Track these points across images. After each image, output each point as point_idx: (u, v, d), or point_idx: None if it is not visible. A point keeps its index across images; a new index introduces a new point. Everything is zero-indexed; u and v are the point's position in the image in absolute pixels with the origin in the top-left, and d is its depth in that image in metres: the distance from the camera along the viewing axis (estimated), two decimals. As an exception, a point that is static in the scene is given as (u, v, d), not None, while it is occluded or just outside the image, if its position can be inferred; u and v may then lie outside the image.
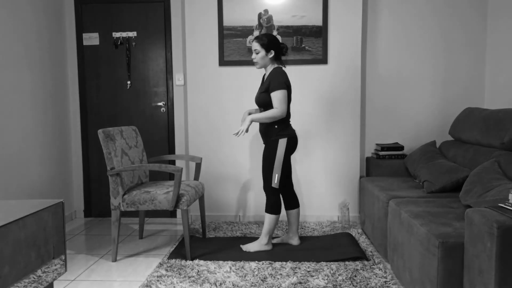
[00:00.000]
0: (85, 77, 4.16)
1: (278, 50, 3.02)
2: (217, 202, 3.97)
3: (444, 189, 2.92)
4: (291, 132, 3.02)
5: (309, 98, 3.85)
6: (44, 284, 1.68)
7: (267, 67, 3.05)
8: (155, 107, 4.13)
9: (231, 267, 2.80)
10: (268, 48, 2.98)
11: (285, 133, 2.99)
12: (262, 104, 3.02)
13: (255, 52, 3.01)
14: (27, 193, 3.47)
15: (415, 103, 3.95)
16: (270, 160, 2.99)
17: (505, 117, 2.82)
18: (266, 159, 3.02)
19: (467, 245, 1.86)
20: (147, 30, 4.07)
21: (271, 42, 2.99)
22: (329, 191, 3.91)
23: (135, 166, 2.96)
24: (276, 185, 3.00)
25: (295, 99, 3.84)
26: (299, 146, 3.88)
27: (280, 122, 2.98)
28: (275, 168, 2.98)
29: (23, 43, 3.44)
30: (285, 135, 2.99)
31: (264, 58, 3.00)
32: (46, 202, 1.76)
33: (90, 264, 2.99)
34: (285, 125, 3.00)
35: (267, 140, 3.04)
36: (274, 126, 2.98)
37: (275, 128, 2.98)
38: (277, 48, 3.01)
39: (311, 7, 3.77)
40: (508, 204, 1.83)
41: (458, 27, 3.88)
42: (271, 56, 3.00)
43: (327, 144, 3.87)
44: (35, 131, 3.60)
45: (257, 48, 2.99)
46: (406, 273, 2.37)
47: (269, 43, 2.98)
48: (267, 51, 2.98)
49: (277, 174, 2.99)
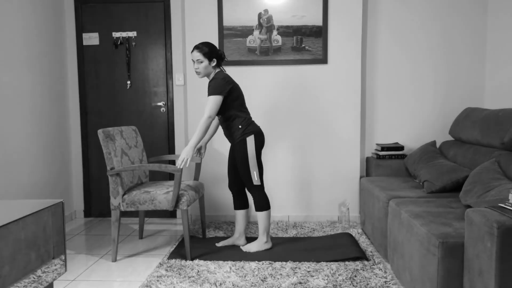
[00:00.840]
0: (85, 77, 4.16)
1: (218, 57, 3.00)
2: (217, 202, 3.97)
3: (444, 189, 2.92)
4: (256, 128, 3.04)
5: (309, 98, 3.85)
6: (44, 284, 1.68)
7: (210, 75, 3.03)
8: (155, 107, 4.13)
9: (231, 267, 2.80)
10: (210, 57, 2.96)
11: (250, 131, 3.00)
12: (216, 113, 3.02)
13: (198, 61, 2.95)
14: (27, 193, 3.47)
15: (415, 103, 3.95)
16: (244, 160, 3.00)
17: (505, 117, 2.81)
18: (239, 161, 3.02)
19: (467, 245, 1.86)
20: (147, 30, 4.07)
21: (212, 50, 2.96)
22: (329, 191, 3.91)
23: (135, 166, 2.96)
24: (257, 181, 3.02)
25: (294, 99, 3.84)
26: (299, 146, 3.88)
27: (242, 121, 2.99)
28: (251, 166, 2.99)
29: (23, 43, 3.44)
30: (250, 132, 3.00)
31: (207, 68, 2.97)
32: (46, 202, 1.76)
33: (90, 264, 2.99)
34: (247, 123, 3.01)
35: (234, 142, 3.04)
36: (238, 127, 3.00)
37: (239, 128, 3.00)
38: (218, 55, 3.00)
39: (311, 7, 3.77)
40: (508, 204, 1.83)
41: (458, 26, 3.88)
42: (214, 64, 2.98)
43: (327, 144, 3.87)
44: (35, 131, 3.60)
45: (199, 58, 2.94)
46: (406, 273, 2.37)
47: (210, 52, 2.95)
48: (210, 60, 2.96)
49: (255, 171, 3.01)
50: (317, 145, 3.88)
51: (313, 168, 3.90)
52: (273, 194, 3.92)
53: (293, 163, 3.90)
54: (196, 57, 2.96)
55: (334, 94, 3.83)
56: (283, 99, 3.85)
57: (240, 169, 3.03)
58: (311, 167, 3.90)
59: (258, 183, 3.02)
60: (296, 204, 3.93)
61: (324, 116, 3.85)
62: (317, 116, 3.86)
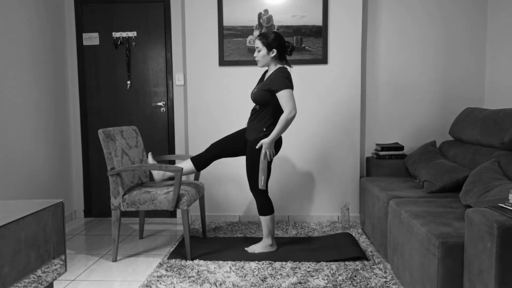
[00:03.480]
0: (85, 77, 4.16)
1: (282, 49, 2.92)
2: (217, 202, 3.97)
3: (444, 189, 2.92)
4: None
5: (309, 98, 3.85)
6: (44, 284, 1.68)
7: (270, 66, 2.96)
8: (155, 107, 4.13)
9: (231, 267, 2.80)
10: (269, 47, 2.89)
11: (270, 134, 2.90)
12: (259, 101, 2.92)
13: (257, 50, 2.92)
14: (27, 193, 3.47)
15: (415, 103, 3.95)
16: (255, 161, 2.92)
17: (505, 117, 2.82)
18: (250, 161, 2.94)
19: (467, 245, 1.86)
20: (147, 30, 4.07)
21: (274, 40, 2.89)
22: (329, 191, 3.91)
23: (136, 166, 2.96)
24: (263, 186, 2.92)
25: (295, 99, 3.84)
26: (299, 146, 3.88)
27: (270, 125, 2.91)
28: (261, 170, 2.90)
29: (23, 43, 3.44)
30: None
31: (265, 57, 2.92)
32: (46, 202, 1.76)
33: (90, 264, 2.99)
34: (273, 128, 2.90)
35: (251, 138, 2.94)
36: (262, 129, 2.92)
37: (263, 131, 2.92)
38: (281, 48, 2.92)
39: (311, 7, 3.77)
40: (508, 204, 1.83)
41: (458, 26, 3.88)
42: (273, 55, 2.90)
43: (327, 144, 3.87)
44: (35, 131, 3.60)
45: (259, 46, 2.91)
46: (406, 273, 2.37)
47: (271, 42, 2.88)
48: (269, 50, 2.90)
49: (263, 176, 2.90)
50: (317, 145, 3.88)
51: (313, 168, 3.90)
52: (273, 194, 3.92)
53: (293, 163, 3.90)
54: (256, 45, 2.92)
55: (334, 94, 3.83)
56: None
57: (249, 169, 2.96)
58: (311, 167, 3.90)
59: (263, 188, 2.93)
60: (296, 204, 3.93)
61: (324, 116, 3.85)
62: (317, 116, 3.86)
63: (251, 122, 3.00)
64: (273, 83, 2.86)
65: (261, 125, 2.94)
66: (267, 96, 2.88)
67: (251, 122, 3.00)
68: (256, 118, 2.97)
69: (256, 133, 2.94)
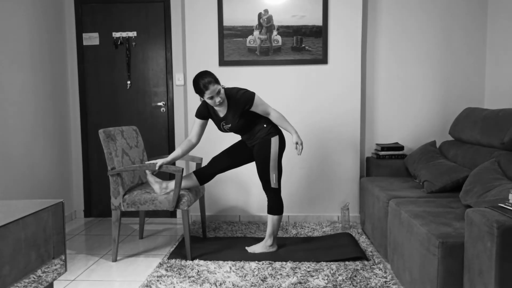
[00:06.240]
0: (85, 77, 4.16)
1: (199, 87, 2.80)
2: (217, 202, 3.97)
3: (444, 189, 2.92)
4: (279, 130, 3.03)
5: (309, 98, 3.85)
6: (44, 284, 1.69)
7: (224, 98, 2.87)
8: (155, 107, 4.13)
9: (231, 267, 2.80)
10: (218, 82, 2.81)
11: (275, 131, 2.99)
12: (247, 126, 2.95)
13: (217, 93, 2.77)
14: (27, 193, 3.47)
15: (415, 103, 3.95)
16: (266, 160, 2.96)
17: (505, 117, 2.82)
18: (260, 160, 2.98)
19: (467, 245, 1.86)
20: (147, 30, 4.07)
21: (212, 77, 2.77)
22: (329, 191, 3.91)
23: (136, 166, 2.96)
24: (275, 185, 2.98)
25: (294, 99, 3.84)
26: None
27: (267, 120, 2.99)
28: (271, 168, 2.96)
29: (23, 43, 3.44)
30: (275, 132, 2.99)
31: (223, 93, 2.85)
32: (46, 202, 1.76)
33: (90, 264, 2.99)
34: (272, 124, 3.01)
35: (256, 141, 2.99)
36: (263, 126, 2.98)
37: (264, 127, 2.98)
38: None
39: (311, 7, 3.77)
40: (508, 204, 1.83)
41: (458, 26, 3.88)
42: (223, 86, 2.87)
43: (327, 144, 3.87)
44: (35, 131, 3.60)
45: (218, 87, 2.78)
46: (406, 273, 2.37)
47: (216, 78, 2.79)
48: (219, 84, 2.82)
49: (274, 174, 2.96)
50: (317, 145, 3.88)
51: (313, 168, 3.90)
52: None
53: (293, 163, 3.89)
54: (216, 90, 2.76)
55: (334, 94, 3.83)
56: (283, 99, 3.85)
57: (259, 169, 2.99)
58: (311, 167, 3.90)
59: (275, 186, 2.98)
60: (296, 204, 3.93)
61: (324, 116, 3.85)
62: (317, 116, 3.86)
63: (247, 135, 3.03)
64: (241, 103, 2.87)
65: (260, 126, 2.99)
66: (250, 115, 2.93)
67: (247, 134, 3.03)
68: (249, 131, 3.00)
69: (260, 133, 2.98)
